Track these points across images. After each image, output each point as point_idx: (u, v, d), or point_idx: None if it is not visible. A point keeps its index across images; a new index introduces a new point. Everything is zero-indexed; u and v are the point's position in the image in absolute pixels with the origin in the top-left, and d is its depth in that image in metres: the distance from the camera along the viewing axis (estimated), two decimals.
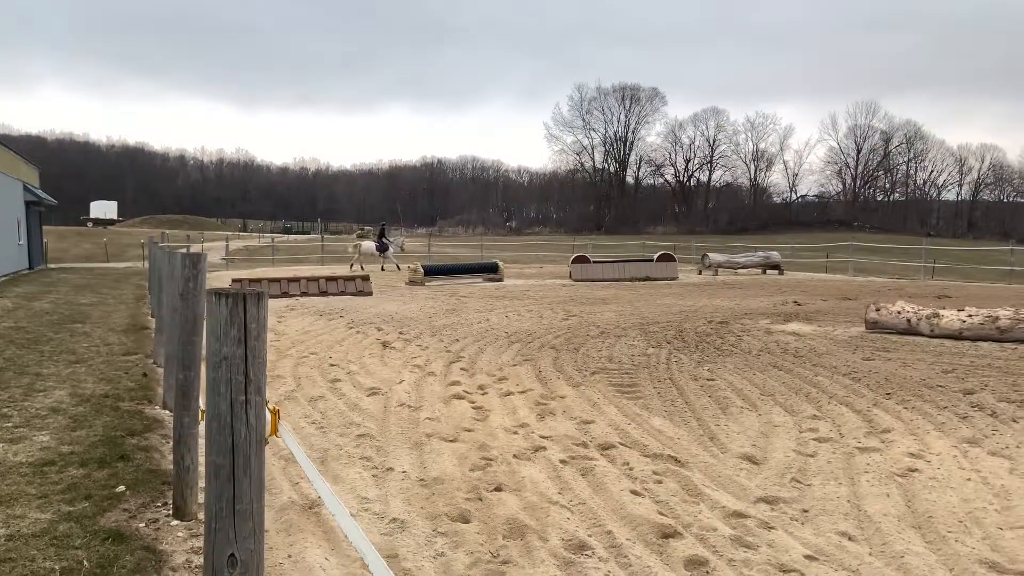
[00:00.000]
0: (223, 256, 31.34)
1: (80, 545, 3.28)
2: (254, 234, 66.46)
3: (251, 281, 17.29)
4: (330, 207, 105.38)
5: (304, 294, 16.69)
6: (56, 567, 3.05)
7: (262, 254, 36.27)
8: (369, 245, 28.95)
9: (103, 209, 69.03)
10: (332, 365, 8.03)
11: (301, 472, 4.44)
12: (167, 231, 41.20)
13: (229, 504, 1.70)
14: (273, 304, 14.59)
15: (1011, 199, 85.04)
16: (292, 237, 64.54)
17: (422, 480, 4.40)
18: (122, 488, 4.03)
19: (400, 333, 10.42)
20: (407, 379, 7.32)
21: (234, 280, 17.48)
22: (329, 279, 17.68)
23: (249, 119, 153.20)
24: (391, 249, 28.65)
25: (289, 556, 3.31)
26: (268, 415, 1.88)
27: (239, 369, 1.69)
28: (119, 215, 71.41)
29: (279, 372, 7.66)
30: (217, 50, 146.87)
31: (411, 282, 20.28)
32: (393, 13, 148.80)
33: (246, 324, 1.70)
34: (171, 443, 4.20)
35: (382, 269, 27.95)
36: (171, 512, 3.71)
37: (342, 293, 16.85)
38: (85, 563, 3.10)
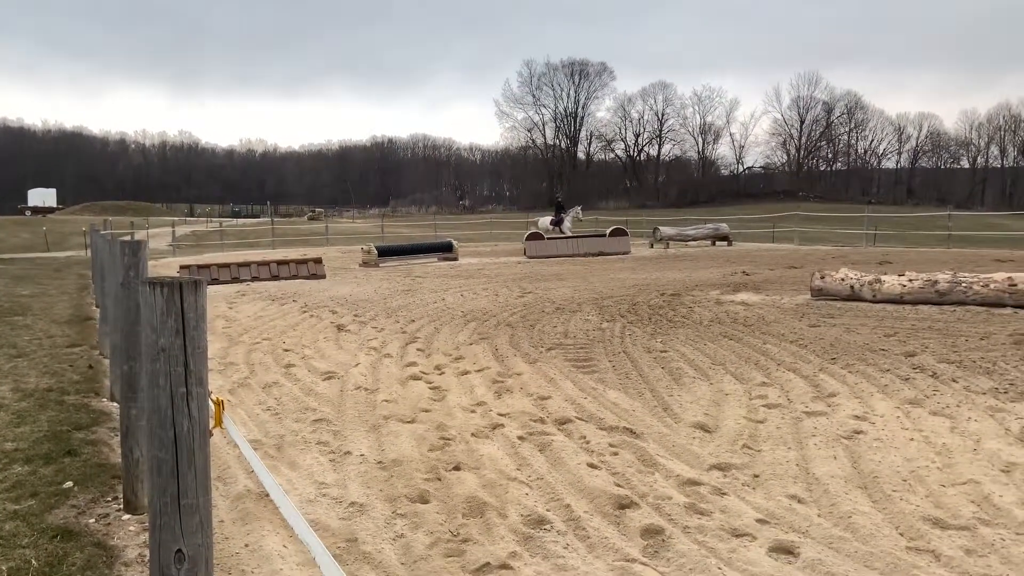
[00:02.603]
0: (170, 242, 30.53)
1: (27, 544, 3.20)
2: (201, 219, 64.85)
3: (200, 267, 16.91)
4: (279, 189, 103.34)
5: (255, 279, 16.39)
6: (3, 567, 2.96)
7: (210, 239, 35.46)
8: (545, 221, 27.92)
9: (41, 197, 66.60)
10: (286, 350, 7.92)
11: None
12: (110, 218, 39.91)
13: (174, 499, 1.67)
14: (223, 290, 14.30)
15: (948, 166, 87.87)
16: (241, 221, 63.17)
17: (380, 463, 4.39)
18: (70, 484, 3.93)
19: (355, 316, 10.33)
20: (363, 362, 7.26)
21: (182, 267, 17.07)
22: (281, 263, 17.38)
23: (188, 101, 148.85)
24: (567, 223, 27.50)
25: (246, 545, 3.28)
26: (212, 406, 1.84)
27: (178, 360, 1.65)
28: (59, 203, 68.97)
29: (231, 359, 7.53)
30: (147, 30, 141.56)
31: (364, 264, 20.08)
32: None
33: (184, 313, 1.66)
34: (119, 436, 4.10)
35: None
36: (122, 507, 3.64)
37: (294, 277, 16.60)
38: (33, 562, 3.02)
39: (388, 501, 3.82)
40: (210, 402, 1.82)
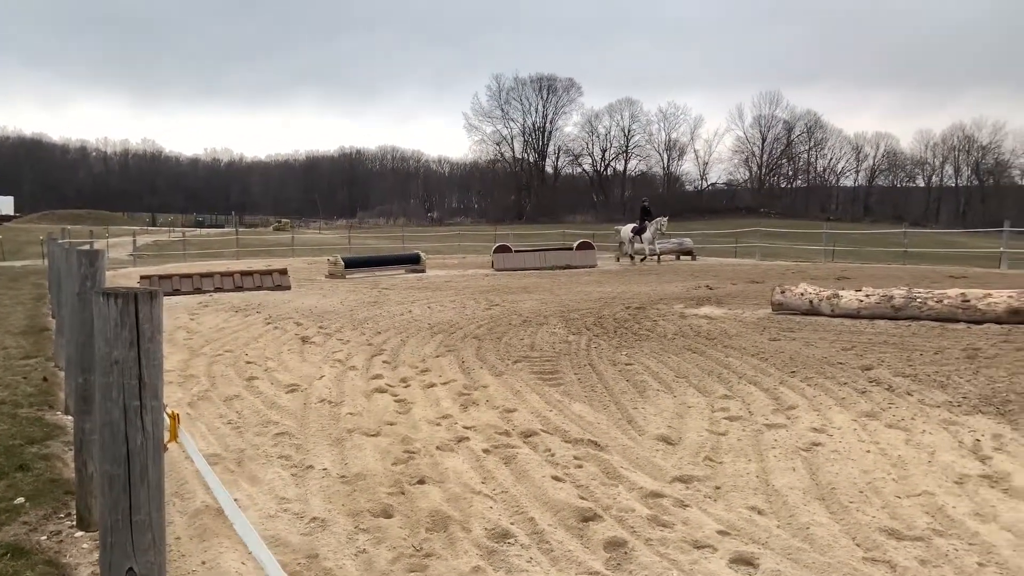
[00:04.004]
0: (131, 252, 29.93)
1: None
2: (164, 228, 63.76)
3: (161, 277, 16.60)
4: (245, 200, 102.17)
5: (218, 290, 16.14)
6: None
7: (173, 249, 34.84)
8: (627, 229, 24.54)
9: None
10: (249, 362, 7.81)
11: (216, 475, 4.31)
12: (68, 227, 38.99)
13: (126, 515, 1.63)
14: (185, 301, 14.06)
15: (904, 184, 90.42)
16: (205, 231, 62.23)
17: (343, 477, 4.35)
18: (21, 500, 3.82)
19: (320, 327, 10.23)
20: (327, 374, 7.19)
21: (142, 277, 16.74)
22: (245, 274, 17.14)
23: (152, 109, 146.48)
24: (649, 233, 23.59)
25: (203, 563, 3.22)
26: (167, 420, 1.81)
27: (132, 373, 1.62)
28: (16, 211, 67.24)
29: (192, 372, 7.40)
30: (109, 38, 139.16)
31: (331, 275, 19.90)
32: (289, 1, 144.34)
33: (139, 325, 1.63)
34: (73, 451, 4.00)
35: (631, 259, 23.89)
36: (75, 523, 3.55)
37: (259, 288, 16.38)
38: None
39: (350, 516, 3.78)
40: (165, 415, 1.79)
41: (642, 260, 23.59)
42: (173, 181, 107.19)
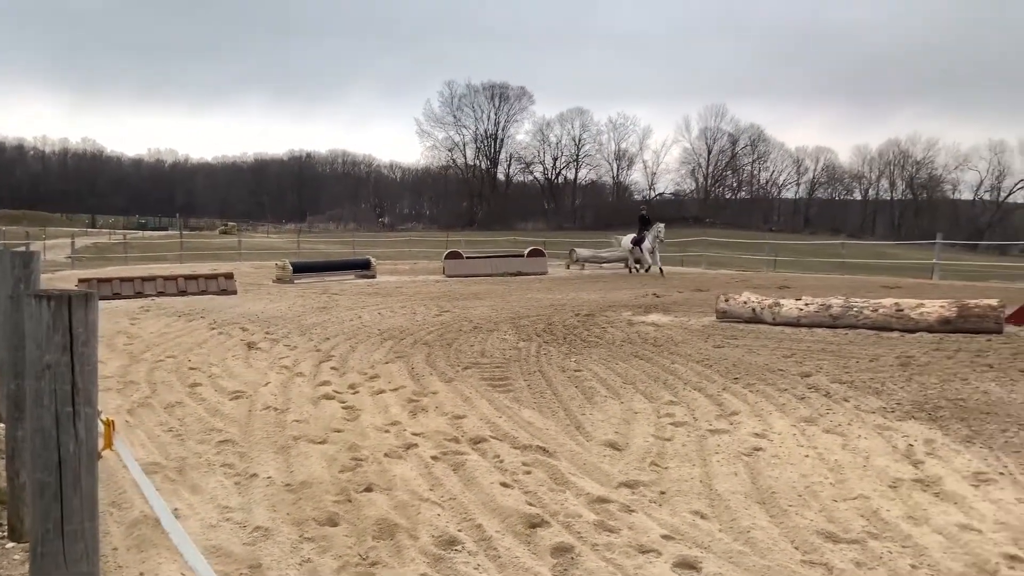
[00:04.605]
0: (69, 254, 28.92)
1: None
2: (104, 230, 61.76)
3: (100, 281, 16.09)
4: (190, 201, 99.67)
5: (161, 294, 15.72)
6: None
7: (114, 252, 33.81)
8: (627, 240, 23.01)
9: None
10: (192, 369, 7.63)
11: (155, 485, 4.20)
12: (4, 228, 37.51)
13: (57, 525, 1.58)
14: (126, 305, 13.65)
15: (842, 197, 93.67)
16: (148, 234, 60.51)
17: (288, 485, 4.28)
18: None
19: (267, 333, 10.05)
20: (274, 381, 7.08)
21: (81, 280, 16.20)
22: (189, 278, 16.74)
23: (93, 108, 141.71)
24: (648, 242, 21.98)
25: (141, 574, 3.14)
26: (101, 427, 1.76)
27: (65, 378, 1.58)
28: None
29: (132, 378, 7.19)
30: (47, 34, 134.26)
31: (279, 280, 19.57)
32: (237, 1, 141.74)
33: (72, 329, 1.59)
34: (5, 459, 3.85)
35: (633, 271, 22.52)
36: (6, 534, 3.42)
37: (203, 292, 16.01)
38: None
39: (295, 525, 3.73)
40: (100, 422, 1.75)
41: (646, 270, 22.26)
42: (115, 182, 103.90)
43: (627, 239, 23.07)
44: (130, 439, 5.15)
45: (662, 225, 22.89)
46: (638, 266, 22.85)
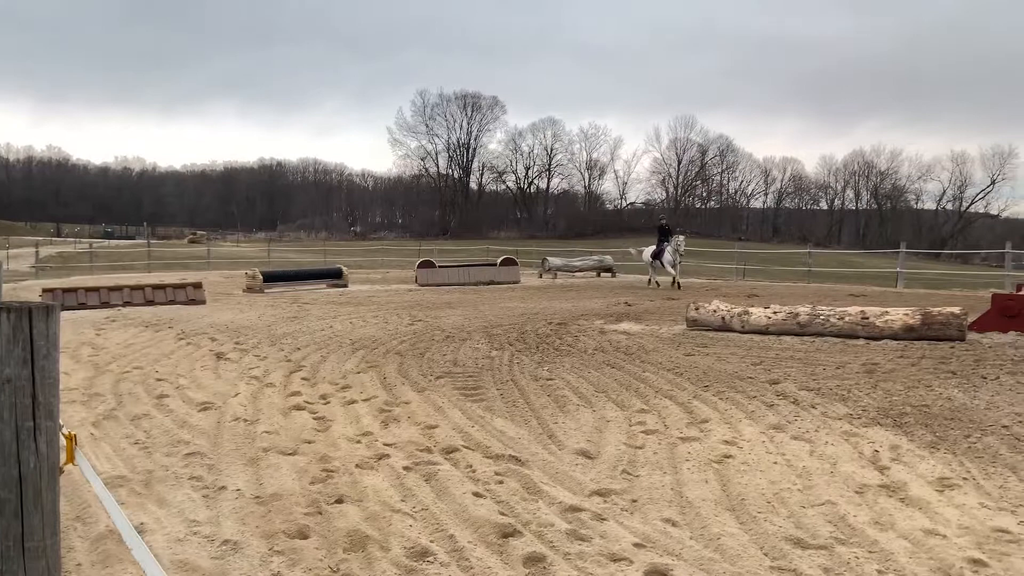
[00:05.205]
0: (33, 264, 28.33)
1: None
2: (69, 239, 60.60)
3: (65, 291, 15.77)
4: (158, 210, 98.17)
5: (128, 304, 15.44)
6: None
7: (79, 261, 33.18)
8: (647, 252, 21.95)
9: None
10: (159, 380, 7.51)
11: (120, 499, 4.13)
12: None
13: (18, 542, 1.55)
14: (92, 315, 13.39)
15: (809, 207, 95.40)
16: (114, 243, 59.48)
17: (258, 497, 4.23)
18: None
19: (236, 343, 9.93)
20: (243, 391, 6.99)
21: (45, 290, 15.87)
22: (156, 287, 16.48)
23: (58, 115, 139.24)
24: (668, 254, 20.84)
25: None
26: (63, 441, 1.73)
27: (25, 392, 1.55)
28: None
29: (97, 390, 7.05)
30: (9, 39, 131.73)
31: (249, 289, 19.36)
32: (206, 9, 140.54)
33: (33, 341, 1.56)
34: None
35: (648, 283, 21.87)
36: None
37: (171, 302, 15.77)
38: None
39: (265, 538, 3.68)
40: (62, 437, 1.72)
41: (677, 287, 20.88)
42: (80, 190, 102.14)
43: (648, 251, 22.07)
44: (95, 452, 5.06)
45: (682, 237, 21.79)
46: (659, 280, 21.92)
